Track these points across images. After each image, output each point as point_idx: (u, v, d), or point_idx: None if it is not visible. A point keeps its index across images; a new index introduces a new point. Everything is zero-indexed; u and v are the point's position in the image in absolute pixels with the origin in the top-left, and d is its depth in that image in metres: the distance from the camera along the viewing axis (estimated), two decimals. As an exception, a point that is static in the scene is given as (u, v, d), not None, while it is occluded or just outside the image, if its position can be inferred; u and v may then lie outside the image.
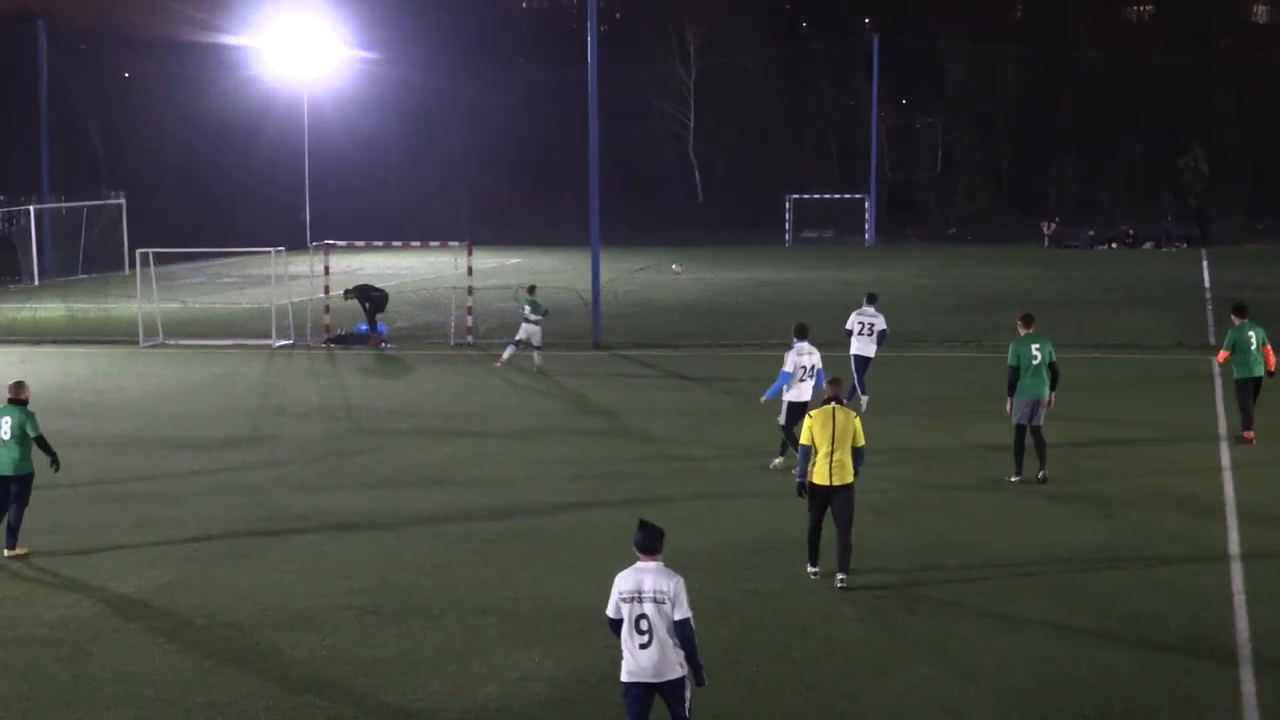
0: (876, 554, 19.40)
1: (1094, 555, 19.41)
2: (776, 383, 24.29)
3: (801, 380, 24.08)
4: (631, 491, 23.32)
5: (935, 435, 27.61)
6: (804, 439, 18.28)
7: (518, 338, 37.03)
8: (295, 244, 63.98)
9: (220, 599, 18.01)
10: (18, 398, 20.18)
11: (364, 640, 16.47)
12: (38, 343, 43.43)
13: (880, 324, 30.65)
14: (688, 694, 12.26)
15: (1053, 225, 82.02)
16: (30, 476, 20.02)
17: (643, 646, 12.09)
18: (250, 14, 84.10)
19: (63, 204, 70.77)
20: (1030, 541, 20.10)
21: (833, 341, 32.09)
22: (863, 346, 30.56)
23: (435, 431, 28.96)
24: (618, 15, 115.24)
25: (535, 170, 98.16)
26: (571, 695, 14.89)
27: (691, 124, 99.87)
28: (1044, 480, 23.46)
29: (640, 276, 62.22)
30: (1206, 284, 57.03)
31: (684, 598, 12.08)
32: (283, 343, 42.43)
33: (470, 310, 43.09)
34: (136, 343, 42.72)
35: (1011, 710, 14.36)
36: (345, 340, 42.26)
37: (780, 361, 24.49)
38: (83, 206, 70.42)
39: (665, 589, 12.08)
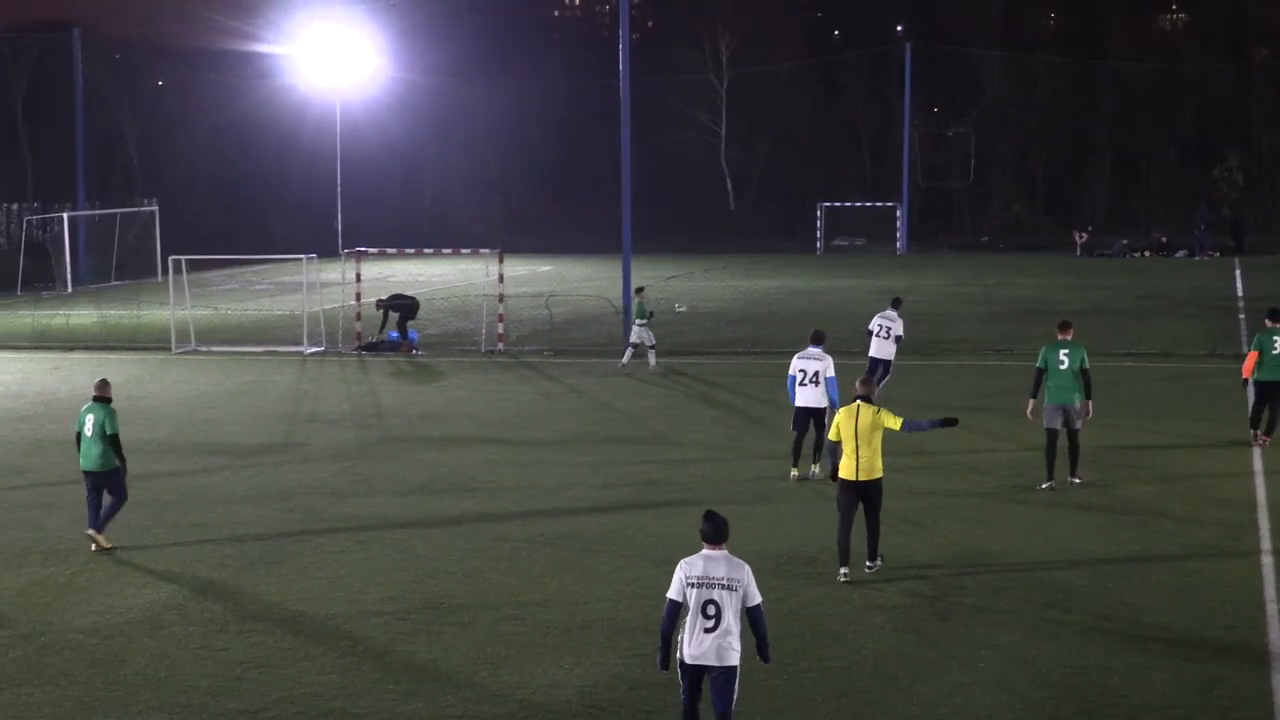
0: (908, 562, 19.35)
1: (1127, 564, 19.32)
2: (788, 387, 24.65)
3: (803, 385, 24.22)
4: (662, 499, 23.30)
5: (966, 443, 27.51)
6: (831, 434, 19.15)
7: (631, 340, 37.80)
8: (327, 251, 64.16)
9: (252, 604, 18.05)
10: (102, 395, 20.90)
11: (394, 647, 16.48)
12: (70, 349, 43.58)
13: (897, 329, 31.36)
14: (735, 687, 12.73)
15: (1084, 235, 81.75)
16: (117, 471, 20.64)
17: (708, 630, 12.60)
18: (284, 21, 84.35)
19: (97, 211, 71.18)
20: (1062, 550, 20.02)
21: (862, 349, 32.18)
22: (878, 348, 31.37)
23: (466, 438, 28.98)
24: (650, 24, 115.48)
25: (568, 178, 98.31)
26: (601, 703, 14.87)
27: (724, 132, 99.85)
28: (1076, 482, 23.52)
29: (672, 284, 62.19)
30: (1239, 293, 56.77)
31: (754, 584, 12.73)
32: (314, 349, 42.53)
33: (501, 318, 43.13)
34: (169, 349, 42.87)
35: (1044, 720, 14.31)
36: (377, 347, 42.34)
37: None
38: (116, 214, 70.74)
39: (738, 577, 12.69)
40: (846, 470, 18.73)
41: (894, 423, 18.88)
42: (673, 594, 12.78)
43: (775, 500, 23.13)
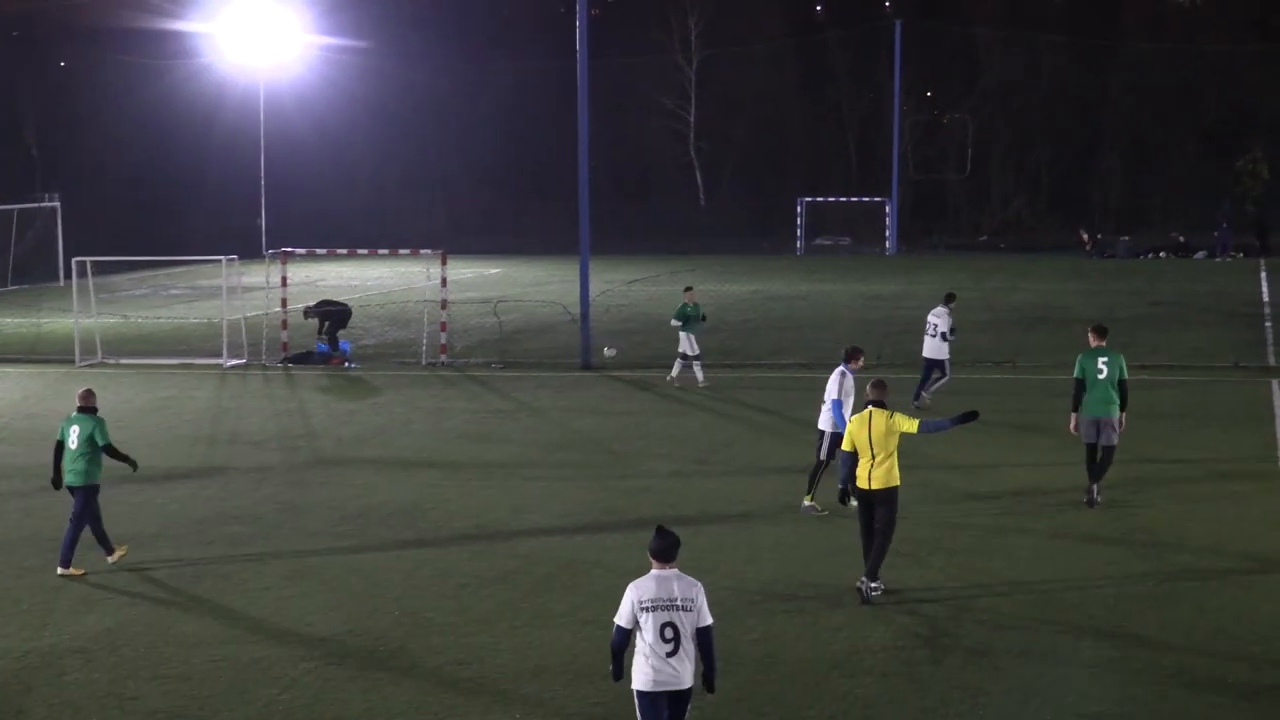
0: (900, 598, 19.40)
1: (1142, 600, 19.40)
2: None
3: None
4: (624, 531, 23.27)
5: (965, 466, 27.59)
6: (845, 444, 19.75)
7: (681, 350, 37.37)
8: (250, 252, 64.13)
9: (166, 648, 17.99)
10: (87, 405, 21.46)
11: (327, 695, 16.45)
12: (-37, 362, 43.45)
13: (943, 325, 33.28)
14: (689, 705, 13.17)
15: (1088, 237, 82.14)
16: (94, 488, 21.23)
17: (669, 655, 12.93)
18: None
19: (-10, 207, 70.87)
20: (1071, 584, 20.09)
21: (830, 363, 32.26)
22: (928, 348, 33.63)
23: (406, 462, 28.95)
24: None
25: (520, 171, 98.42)
26: (558, 757, 14.88)
27: (693, 119, 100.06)
28: (1093, 500, 23.98)
29: (635, 290, 62.26)
30: (1265, 298, 57.10)
31: (705, 604, 13.02)
32: (235, 362, 42.43)
33: (444, 326, 43.09)
34: (73, 362, 42.71)
35: (1050, 774, 14.37)
36: (305, 359, 42.28)
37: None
38: (13, 210, 70.41)
39: (691, 596, 13.01)
40: (862, 479, 19.31)
41: (910, 426, 19.33)
42: (621, 620, 13.08)
43: (749, 529, 23.15)
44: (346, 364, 41.87)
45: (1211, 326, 48.14)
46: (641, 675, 12.96)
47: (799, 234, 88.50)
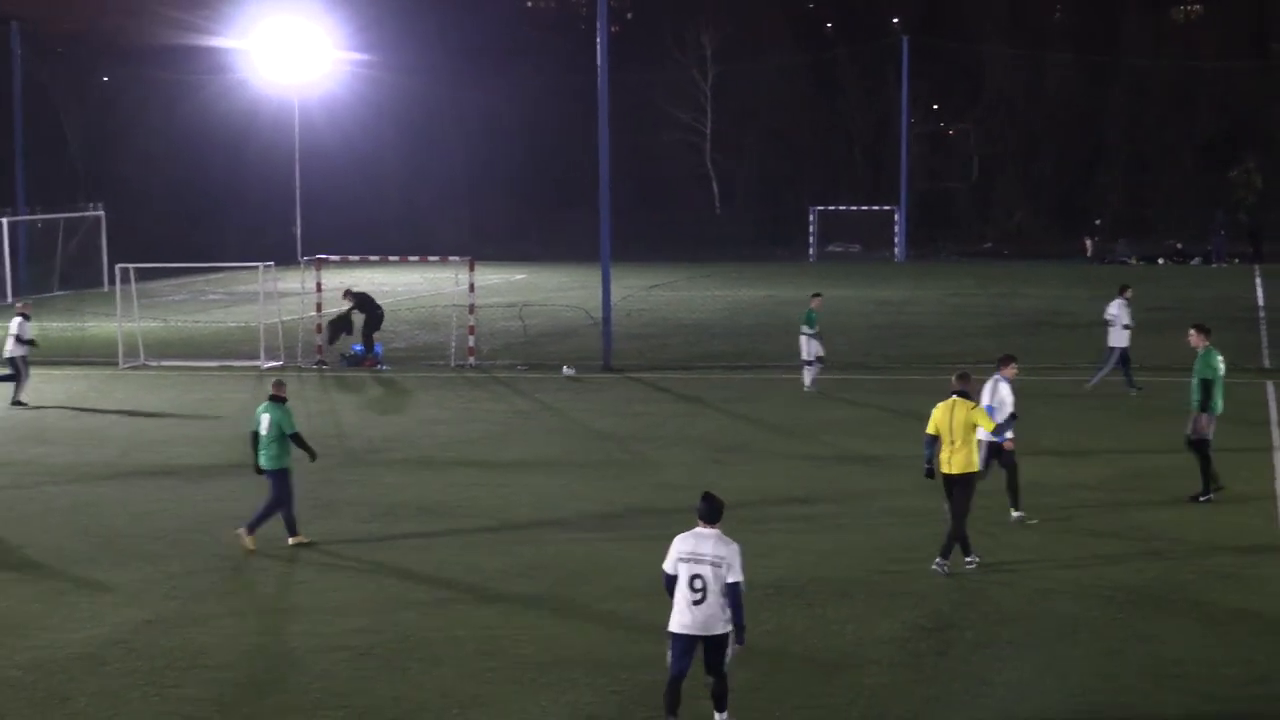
0: (908, 593, 19.38)
1: (1141, 595, 19.36)
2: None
3: None
4: (643, 527, 23.27)
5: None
6: (929, 427, 20.37)
7: (806, 354, 36.65)
8: (285, 259, 64.15)
9: (204, 639, 18.01)
10: (278, 395, 22.58)
11: (358, 685, 16.46)
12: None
13: (1123, 317, 35.32)
14: (729, 650, 14.47)
15: (1090, 244, 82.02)
16: (285, 472, 22.27)
17: (695, 603, 14.37)
18: (237, 15, 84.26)
19: (38, 216, 70.94)
20: (1073, 579, 20.05)
21: (860, 364, 32.22)
22: (1113, 337, 35.56)
23: (434, 461, 28.96)
24: (629, 15, 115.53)
25: (543, 181, 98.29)
26: (579, 744, 14.89)
27: (709, 131, 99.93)
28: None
29: (654, 295, 62.27)
30: (1260, 303, 56.93)
31: (739, 564, 14.45)
32: (272, 364, 42.47)
33: (472, 330, 43.08)
34: (116, 364, 42.78)
35: (1051, 761, 14.34)
36: (354, 360, 42.22)
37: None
38: (59, 219, 70.58)
39: (723, 554, 14.39)
40: (943, 463, 20.26)
41: (986, 424, 20.67)
42: (666, 566, 14.62)
43: (762, 526, 23.11)
44: (378, 366, 41.90)
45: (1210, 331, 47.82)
46: (674, 618, 14.47)
47: (811, 241, 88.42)
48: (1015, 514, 23.08)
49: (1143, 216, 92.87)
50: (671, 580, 14.50)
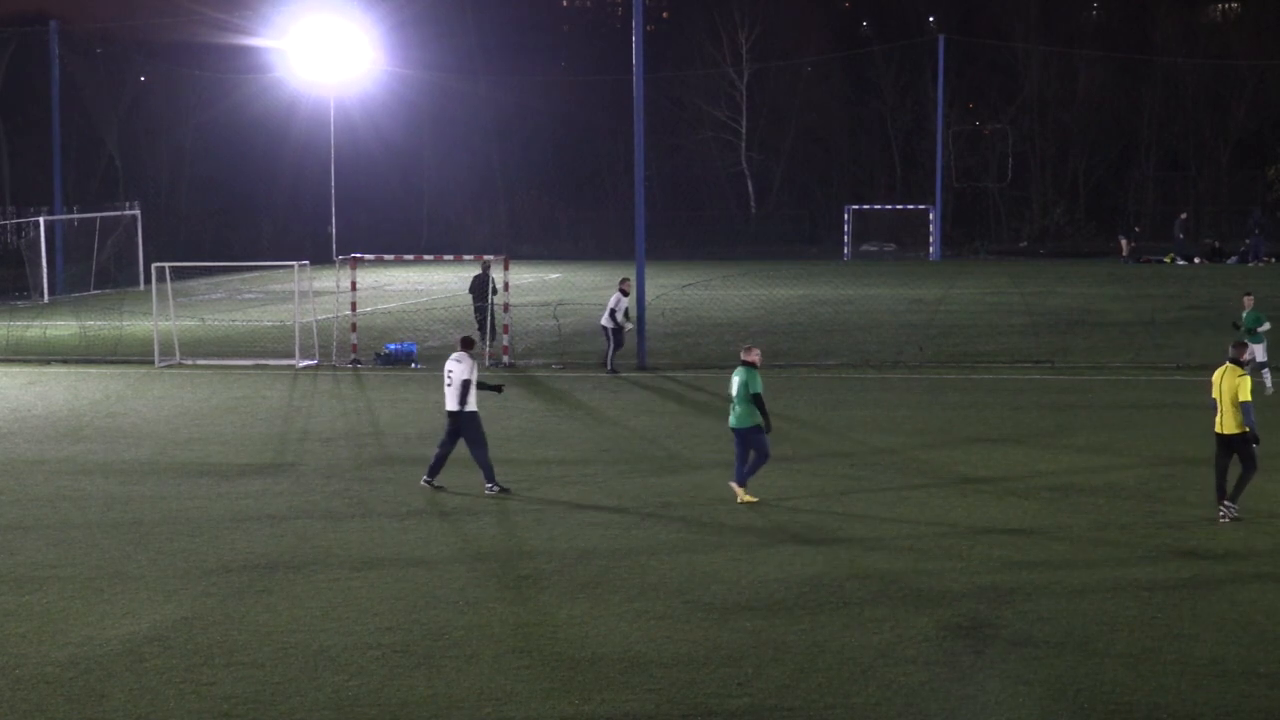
0: (941, 591, 19.34)
1: (1176, 593, 19.28)
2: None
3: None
4: (677, 525, 23.27)
5: (1003, 464, 27.49)
6: (1214, 391, 22.75)
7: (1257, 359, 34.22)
8: (320, 258, 64.33)
9: (240, 636, 18.06)
10: (748, 359, 24.67)
11: (392, 682, 16.48)
12: (47, 362, 43.66)
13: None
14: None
15: (1125, 243, 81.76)
16: (758, 429, 24.21)
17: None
18: (273, 14, 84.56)
19: (75, 215, 71.28)
20: (1107, 578, 19.98)
21: (896, 362, 32.15)
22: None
23: (468, 459, 28.89)
24: (665, 14, 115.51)
25: (577, 179, 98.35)
26: (613, 742, 14.88)
27: (744, 130, 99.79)
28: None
29: (689, 293, 62.21)
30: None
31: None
32: (307, 363, 42.58)
33: (506, 329, 43.13)
34: (152, 363, 42.93)
35: (1087, 761, 14.28)
36: (386, 360, 42.32)
37: None
38: (96, 218, 70.86)
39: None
40: (1216, 424, 22.56)
41: (1245, 394, 22.30)
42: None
43: (797, 526, 23.09)
44: (413, 364, 41.95)
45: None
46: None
47: (846, 241, 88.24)
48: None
49: (1177, 214, 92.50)
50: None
